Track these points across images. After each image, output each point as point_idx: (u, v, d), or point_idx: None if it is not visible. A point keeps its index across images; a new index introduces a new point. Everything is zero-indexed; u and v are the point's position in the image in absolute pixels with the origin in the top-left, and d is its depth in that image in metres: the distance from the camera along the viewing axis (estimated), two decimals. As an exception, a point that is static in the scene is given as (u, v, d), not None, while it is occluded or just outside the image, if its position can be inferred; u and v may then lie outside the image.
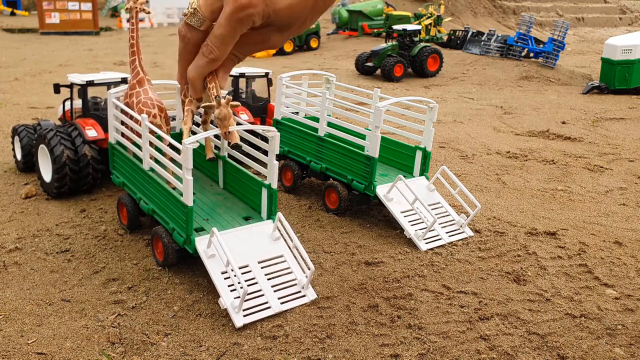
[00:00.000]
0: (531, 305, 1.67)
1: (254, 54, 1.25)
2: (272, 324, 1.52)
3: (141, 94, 2.06)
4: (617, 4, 18.04)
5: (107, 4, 21.73)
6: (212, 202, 2.00)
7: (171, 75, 7.11)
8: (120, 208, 2.19)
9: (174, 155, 1.74)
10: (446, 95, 6.28)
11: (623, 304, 1.69)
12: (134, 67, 2.13)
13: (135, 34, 2.15)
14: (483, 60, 8.84)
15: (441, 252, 2.04)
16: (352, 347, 1.43)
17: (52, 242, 2.06)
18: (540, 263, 1.96)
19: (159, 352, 1.40)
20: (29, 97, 5.30)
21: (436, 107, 2.31)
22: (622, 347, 1.47)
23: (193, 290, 1.71)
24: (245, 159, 1.96)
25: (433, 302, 1.67)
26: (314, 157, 2.53)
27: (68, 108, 2.77)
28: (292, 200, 2.57)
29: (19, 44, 11.65)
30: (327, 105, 2.45)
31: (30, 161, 2.80)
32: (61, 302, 1.64)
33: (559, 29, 8.70)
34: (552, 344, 1.47)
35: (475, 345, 1.46)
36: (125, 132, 2.11)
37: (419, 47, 7.64)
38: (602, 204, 2.67)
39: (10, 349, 1.40)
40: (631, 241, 2.19)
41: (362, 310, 1.61)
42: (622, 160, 3.46)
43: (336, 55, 9.78)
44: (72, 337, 1.46)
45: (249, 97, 3.28)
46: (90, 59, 8.86)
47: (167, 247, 1.78)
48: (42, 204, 2.45)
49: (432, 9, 10.17)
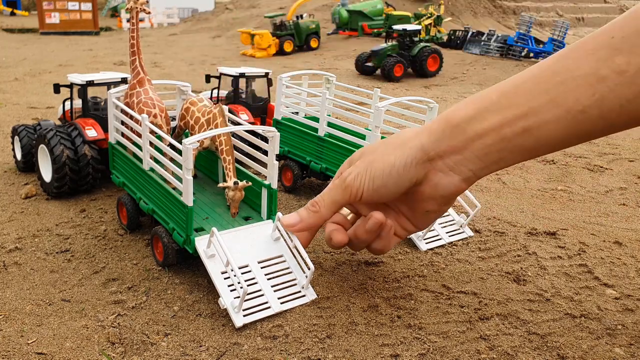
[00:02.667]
0: (531, 305, 1.67)
1: (253, 55, 1.37)
2: (272, 324, 1.52)
3: (141, 93, 2.06)
4: (617, 4, 18.05)
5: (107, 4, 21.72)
6: (212, 202, 2.00)
7: (171, 75, 7.11)
8: (120, 208, 2.19)
9: (173, 156, 1.74)
10: (446, 95, 6.28)
11: (623, 304, 1.69)
12: (134, 67, 2.13)
13: (135, 34, 2.15)
14: (483, 60, 8.85)
15: (441, 252, 2.04)
16: (352, 347, 1.43)
17: (52, 242, 2.06)
18: (540, 263, 1.96)
19: (159, 352, 1.40)
20: (29, 97, 5.30)
21: (436, 107, 2.31)
22: (622, 347, 1.47)
23: (193, 290, 1.71)
24: (246, 159, 1.96)
25: (433, 302, 1.67)
26: (314, 157, 2.53)
27: (68, 108, 2.77)
28: (292, 200, 2.57)
29: (19, 44, 11.65)
30: (327, 105, 2.45)
31: (30, 161, 2.80)
32: (61, 302, 1.64)
33: (558, 29, 8.71)
34: (552, 344, 1.47)
35: (475, 345, 1.46)
36: (126, 132, 2.12)
37: (419, 47, 7.64)
38: (602, 204, 2.67)
39: (10, 349, 1.40)
40: (631, 241, 2.19)
41: (362, 310, 1.61)
42: (622, 160, 3.46)
43: (336, 55, 9.78)
44: (72, 337, 1.46)
45: (249, 97, 3.28)
46: (90, 59, 8.86)
47: (167, 247, 1.78)
48: (42, 204, 2.45)
49: (432, 9, 10.17)
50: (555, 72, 1.12)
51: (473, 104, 1.25)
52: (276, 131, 1.77)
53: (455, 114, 1.27)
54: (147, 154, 1.94)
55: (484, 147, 1.24)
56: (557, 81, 1.11)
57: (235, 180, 1.82)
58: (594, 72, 1.05)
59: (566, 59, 1.12)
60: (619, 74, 1.02)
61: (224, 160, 1.89)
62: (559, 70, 1.12)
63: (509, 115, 1.17)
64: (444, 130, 1.28)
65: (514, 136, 1.18)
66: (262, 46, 9.81)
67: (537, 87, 1.14)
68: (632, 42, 1.01)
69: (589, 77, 1.06)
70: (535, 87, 1.15)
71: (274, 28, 10.31)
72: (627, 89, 1.02)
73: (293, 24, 10.40)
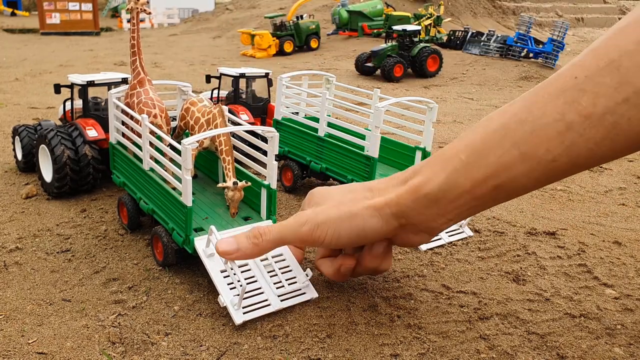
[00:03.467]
0: (531, 305, 1.68)
1: (253, 55, 1.39)
2: (272, 324, 1.53)
3: (142, 94, 2.07)
4: (617, 4, 18.06)
5: (107, 5, 21.73)
6: (212, 202, 2.01)
7: (171, 76, 7.11)
8: (120, 208, 2.19)
9: (173, 156, 1.74)
10: (446, 95, 6.28)
11: (622, 304, 1.70)
12: (134, 67, 2.13)
13: (136, 34, 2.16)
14: (483, 61, 8.85)
15: (441, 252, 2.04)
16: (352, 346, 1.44)
17: (53, 242, 2.07)
18: (539, 263, 1.97)
19: (159, 352, 1.40)
20: (30, 97, 5.31)
21: (436, 108, 2.31)
22: (621, 346, 1.47)
23: (193, 290, 1.71)
24: (245, 159, 1.97)
25: (433, 302, 1.67)
26: (314, 157, 2.53)
27: (69, 108, 2.77)
28: (292, 200, 2.58)
29: (19, 44, 11.66)
30: (327, 106, 2.45)
31: (30, 161, 2.80)
32: (62, 302, 1.64)
33: (558, 29, 8.71)
34: (552, 344, 1.47)
35: (475, 345, 1.46)
36: (126, 132, 2.12)
37: (418, 47, 7.64)
38: (601, 204, 2.67)
39: (11, 349, 1.40)
40: (630, 241, 2.20)
41: (362, 310, 1.61)
42: (622, 160, 3.47)
43: (336, 55, 9.78)
44: (73, 337, 1.46)
45: (249, 98, 3.29)
46: (90, 59, 8.87)
47: (167, 247, 1.79)
48: (42, 204, 2.45)
49: (432, 10, 10.18)
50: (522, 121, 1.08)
51: (443, 170, 1.23)
52: (275, 132, 1.77)
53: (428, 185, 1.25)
54: (147, 154, 1.95)
55: (456, 208, 1.24)
56: (525, 131, 1.07)
57: (234, 181, 1.82)
58: (561, 117, 1.02)
59: (532, 104, 1.08)
60: (586, 117, 0.99)
61: (224, 160, 1.89)
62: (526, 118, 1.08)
63: (480, 176, 1.16)
64: (417, 202, 1.27)
65: (485, 194, 1.17)
66: (262, 46, 9.81)
67: (506, 140, 1.11)
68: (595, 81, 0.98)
69: (558, 124, 1.03)
70: (503, 140, 1.11)
71: (274, 28, 10.32)
72: (595, 131, 0.99)
73: (293, 24, 10.41)
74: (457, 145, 1.23)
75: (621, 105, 0.95)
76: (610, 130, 0.97)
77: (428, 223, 1.30)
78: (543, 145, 1.05)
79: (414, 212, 1.28)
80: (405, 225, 1.33)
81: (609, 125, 0.97)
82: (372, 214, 1.34)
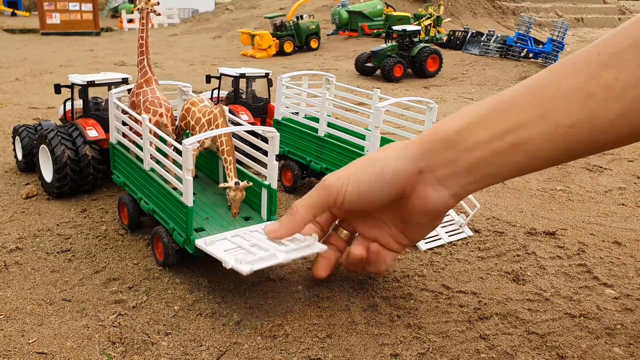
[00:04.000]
0: (530, 304, 1.68)
1: (253, 56, 1.40)
2: (272, 324, 1.53)
3: (148, 93, 2.07)
4: (617, 4, 18.06)
5: (107, 5, 21.73)
6: (212, 202, 2.01)
7: (171, 76, 7.11)
8: (121, 208, 2.19)
9: (174, 156, 1.74)
10: (446, 95, 6.29)
11: (622, 304, 1.70)
12: (142, 66, 2.14)
13: (145, 34, 2.16)
14: (482, 61, 8.85)
15: (441, 251, 2.04)
16: (352, 346, 1.44)
17: (53, 242, 2.07)
18: (539, 263, 1.97)
19: (159, 352, 1.41)
20: (30, 97, 5.31)
21: (436, 108, 2.31)
22: (621, 346, 1.48)
23: (193, 290, 1.71)
24: (246, 160, 1.97)
25: (432, 302, 1.67)
26: (314, 157, 2.53)
27: (69, 108, 2.77)
28: (292, 200, 2.58)
29: (19, 44, 11.67)
30: (326, 106, 2.45)
31: (31, 161, 2.81)
32: (62, 302, 1.64)
33: (558, 29, 8.71)
34: (552, 344, 1.47)
35: (475, 345, 1.46)
36: (127, 132, 2.12)
37: (418, 47, 7.64)
38: (601, 204, 2.68)
39: (11, 349, 1.41)
40: (630, 241, 2.20)
41: (362, 309, 1.61)
42: (622, 160, 3.47)
43: (336, 55, 9.78)
44: (73, 337, 1.46)
45: (249, 98, 3.29)
46: (90, 60, 8.87)
47: (167, 247, 1.79)
48: (42, 204, 2.45)
49: (432, 10, 10.18)
50: (544, 87, 1.12)
51: (463, 118, 1.26)
52: (276, 132, 1.78)
53: (445, 127, 1.29)
54: (148, 154, 1.95)
55: (474, 160, 1.24)
56: (546, 95, 1.11)
57: (236, 181, 1.82)
58: (583, 86, 1.05)
59: (555, 74, 1.12)
60: (607, 89, 1.02)
61: (225, 160, 1.90)
62: (548, 84, 1.12)
63: (498, 129, 1.18)
64: (435, 143, 1.29)
65: (503, 150, 1.19)
66: (262, 47, 9.81)
67: (526, 102, 1.14)
68: (619, 58, 1.02)
69: (579, 92, 1.06)
70: (524, 102, 1.15)
71: (274, 29, 10.32)
72: (615, 104, 1.02)
73: (293, 24, 10.41)
74: (480, 103, 1.28)
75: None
76: (630, 105, 1.01)
77: (446, 171, 1.29)
78: (562, 109, 1.08)
79: (432, 153, 1.29)
80: (423, 173, 1.32)
81: (629, 99, 1.00)
82: (396, 155, 1.36)
